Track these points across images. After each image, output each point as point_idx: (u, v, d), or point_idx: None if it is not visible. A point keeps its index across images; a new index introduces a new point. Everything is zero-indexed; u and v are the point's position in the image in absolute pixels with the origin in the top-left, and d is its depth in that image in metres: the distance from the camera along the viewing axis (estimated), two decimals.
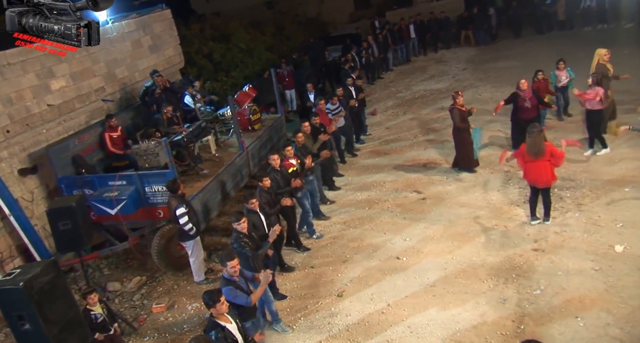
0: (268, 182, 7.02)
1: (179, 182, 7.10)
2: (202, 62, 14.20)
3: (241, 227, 5.87)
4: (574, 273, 6.22)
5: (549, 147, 6.93)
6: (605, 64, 9.18)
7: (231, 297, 4.98)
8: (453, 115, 8.97)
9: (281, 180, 7.44)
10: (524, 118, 9.30)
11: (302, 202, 8.03)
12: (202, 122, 9.53)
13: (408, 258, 7.20)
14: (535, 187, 7.23)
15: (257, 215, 6.46)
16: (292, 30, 19.74)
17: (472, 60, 17.69)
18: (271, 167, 7.50)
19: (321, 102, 10.05)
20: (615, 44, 10.49)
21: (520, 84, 9.28)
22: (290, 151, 7.82)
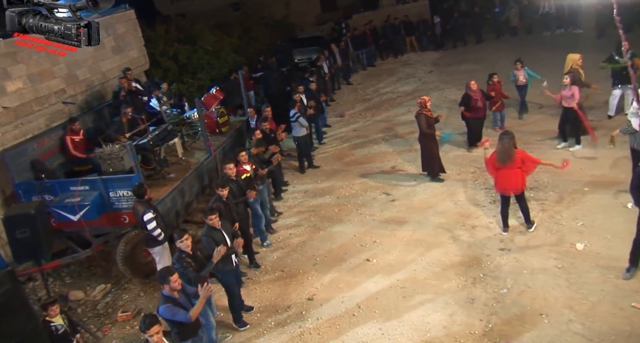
0: (226, 191, 6.75)
1: (145, 186, 6.93)
2: (168, 63, 13.94)
3: (184, 245, 5.49)
4: (538, 272, 6.38)
5: (519, 154, 6.88)
6: (578, 69, 9.40)
7: (170, 315, 4.81)
8: (420, 121, 8.90)
9: (236, 190, 7.20)
10: (476, 117, 9.88)
11: (254, 206, 7.78)
12: (168, 124, 9.34)
13: (378, 260, 7.24)
14: (505, 197, 7.18)
15: (219, 232, 6.04)
16: (259, 32, 19.61)
17: (437, 63, 18.00)
18: (227, 176, 7.22)
19: (267, 110, 9.79)
20: (575, 49, 10.92)
21: (470, 85, 9.77)
22: (244, 156, 7.64)
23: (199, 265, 5.59)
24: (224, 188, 6.72)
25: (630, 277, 5.94)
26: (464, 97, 9.92)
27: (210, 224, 6.01)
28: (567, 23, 18.12)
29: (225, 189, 6.72)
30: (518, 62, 10.75)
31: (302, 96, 10.75)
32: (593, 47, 12.89)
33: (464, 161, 9.77)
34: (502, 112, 10.62)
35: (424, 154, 9.23)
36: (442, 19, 19.60)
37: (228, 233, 6.13)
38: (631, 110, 7.48)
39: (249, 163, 7.72)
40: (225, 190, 6.73)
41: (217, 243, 5.86)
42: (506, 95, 10.56)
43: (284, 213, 9.11)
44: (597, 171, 8.42)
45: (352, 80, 17.57)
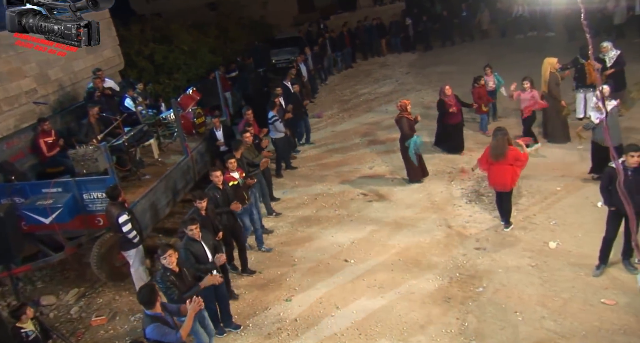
0: (205, 203, 6.25)
1: (119, 188, 6.82)
2: (143, 63, 13.75)
3: (168, 262, 5.03)
4: (513, 270, 6.50)
5: (512, 151, 6.97)
6: (556, 73, 9.55)
7: (159, 336, 4.46)
8: (402, 124, 8.84)
9: (220, 199, 6.76)
10: (452, 123, 9.75)
11: (241, 217, 7.42)
12: (143, 125, 9.21)
13: (356, 261, 7.26)
14: (499, 192, 7.32)
15: (199, 244, 5.68)
16: (236, 32, 19.51)
17: (414, 64, 18.19)
18: (212, 184, 6.88)
19: (248, 112, 9.42)
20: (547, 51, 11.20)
21: (445, 90, 9.62)
22: (233, 164, 7.22)
23: (185, 285, 5.16)
24: (202, 200, 6.25)
25: (600, 274, 6.10)
26: (440, 103, 9.80)
27: (190, 236, 5.63)
28: (539, 26, 18.53)
29: (203, 201, 6.25)
30: (487, 68, 10.77)
31: (280, 99, 10.57)
32: (565, 50, 13.18)
33: (441, 162, 9.89)
34: (487, 114, 10.62)
35: (406, 157, 9.14)
36: (413, 21, 19.86)
37: (209, 246, 5.78)
38: (591, 105, 7.84)
39: (238, 170, 7.36)
40: (204, 202, 6.26)
41: (196, 256, 5.54)
42: (490, 98, 10.64)
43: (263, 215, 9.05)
44: (569, 172, 8.61)
45: (329, 81, 17.60)
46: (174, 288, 5.03)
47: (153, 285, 4.69)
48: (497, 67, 11.08)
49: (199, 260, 5.63)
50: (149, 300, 4.49)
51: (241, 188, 7.28)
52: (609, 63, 9.92)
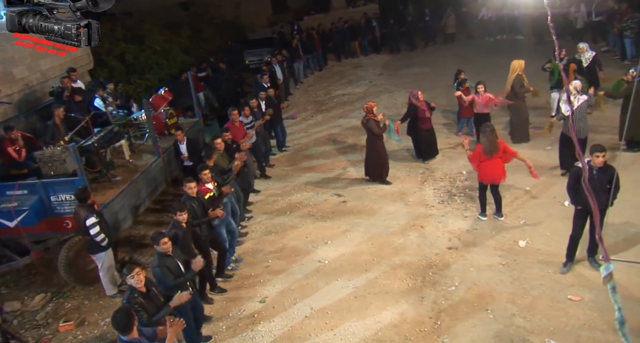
0: (185, 215, 5.95)
1: (89, 190, 6.66)
2: (113, 63, 13.48)
3: (135, 282, 4.71)
4: (484, 269, 6.61)
5: (501, 144, 7.25)
6: (522, 75, 9.75)
7: None
8: (370, 125, 8.85)
9: (198, 209, 6.44)
10: (425, 128, 9.72)
11: (218, 230, 7.13)
12: (114, 126, 9.03)
13: (330, 261, 7.27)
14: (484, 185, 7.50)
15: (172, 258, 5.38)
16: (209, 32, 19.33)
17: (387, 66, 18.35)
18: (187, 195, 6.52)
19: (234, 113, 9.15)
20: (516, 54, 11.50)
21: (417, 95, 9.53)
22: (207, 175, 6.93)
23: (154, 306, 4.85)
24: (183, 212, 5.91)
25: (567, 271, 6.27)
26: (412, 108, 9.60)
27: (161, 251, 5.28)
28: (508, 29, 18.96)
29: (183, 213, 5.92)
30: (461, 73, 10.76)
31: (261, 102, 10.43)
32: (534, 53, 13.54)
33: (413, 162, 9.99)
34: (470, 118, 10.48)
35: (371, 158, 9.20)
36: (378, 24, 20.07)
37: (180, 260, 5.51)
38: (563, 98, 8.25)
39: (212, 181, 7.07)
40: (184, 213, 5.93)
41: (172, 272, 5.29)
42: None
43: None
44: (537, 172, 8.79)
45: (303, 82, 17.57)
46: (142, 312, 4.67)
47: (128, 309, 4.36)
48: (467, 69, 11.24)
49: (175, 274, 5.35)
50: (125, 325, 4.14)
51: (218, 200, 7.03)
52: (585, 63, 10.28)
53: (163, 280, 5.23)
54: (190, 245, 6.09)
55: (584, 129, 8.06)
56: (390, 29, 20.00)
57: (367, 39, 19.98)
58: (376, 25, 20.01)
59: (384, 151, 9.16)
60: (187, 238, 6.00)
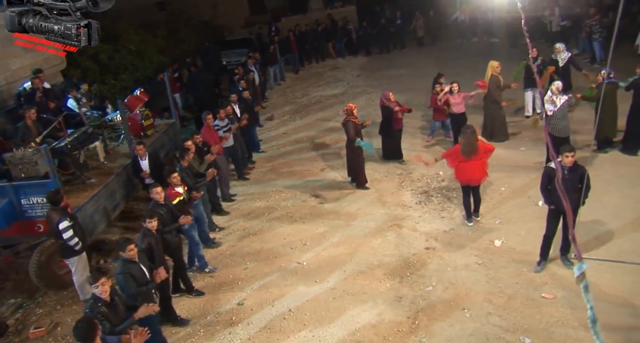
0: (155, 223, 5.81)
1: (62, 192, 6.52)
2: (87, 63, 13.22)
3: (100, 291, 4.56)
4: (461, 269, 6.70)
5: (481, 146, 7.22)
6: (497, 76, 9.91)
7: None
8: (347, 128, 8.78)
9: (167, 216, 6.26)
10: (398, 128, 9.79)
11: (190, 233, 7.02)
12: (88, 127, 8.86)
13: (308, 263, 7.27)
14: (467, 188, 7.47)
15: (137, 265, 5.26)
16: (186, 33, 19.13)
17: (364, 67, 18.44)
18: (154, 201, 6.34)
19: (208, 117, 8.97)
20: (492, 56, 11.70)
21: (389, 96, 9.64)
22: (176, 178, 6.78)
23: (117, 316, 4.67)
24: (152, 219, 5.80)
25: (541, 270, 6.40)
26: (386, 109, 9.63)
27: (127, 257, 5.15)
28: (482, 32, 19.27)
29: (153, 220, 5.80)
30: (442, 77, 10.78)
31: (234, 107, 10.26)
32: (508, 55, 13.79)
33: (391, 164, 10.05)
34: (445, 121, 10.58)
35: (351, 162, 9.18)
36: (353, 27, 20.19)
37: (146, 266, 5.37)
38: (546, 98, 8.36)
39: (182, 184, 6.93)
40: (154, 220, 5.81)
41: (136, 279, 5.14)
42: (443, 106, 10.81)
43: (213, 217, 8.91)
44: (512, 172, 8.97)
45: (281, 84, 17.48)
46: (105, 322, 4.49)
47: (91, 319, 4.19)
48: (444, 71, 11.37)
49: (139, 283, 5.21)
50: (86, 336, 3.99)
51: (187, 204, 6.91)
52: (561, 63, 10.51)
53: (125, 287, 5.08)
54: (162, 253, 5.97)
55: (566, 128, 8.24)
56: (364, 32, 20.16)
57: (342, 41, 20.04)
58: (352, 27, 20.12)
59: (360, 154, 9.07)
60: (158, 245, 5.89)
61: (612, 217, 7.18)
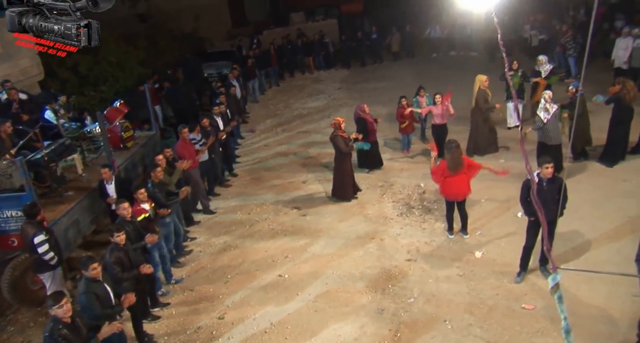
0: (123, 236, 5.66)
1: (38, 206, 6.37)
2: (66, 74, 13.07)
3: (61, 312, 4.33)
4: (442, 280, 6.72)
5: (465, 160, 7.24)
6: (485, 90, 10.03)
7: None
8: (337, 142, 8.74)
9: (132, 234, 6.09)
10: (373, 139, 9.88)
11: (152, 252, 6.83)
12: (66, 139, 8.72)
13: (290, 276, 7.22)
14: (450, 202, 7.44)
15: (101, 284, 5.03)
16: (167, 45, 19.08)
17: (346, 80, 18.59)
18: (120, 218, 6.19)
19: (184, 130, 8.84)
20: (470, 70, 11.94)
21: (364, 108, 9.78)
22: (143, 194, 6.66)
23: (79, 339, 4.45)
24: (120, 233, 5.63)
25: (521, 281, 6.45)
26: (360, 121, 9.72)
27: (90, 276, 4.93)
28: (460, 46, 19.63)
29: (121, 233, 5.64)
30: (422, 90, 10.97)
31: (217, 119, 10.20)
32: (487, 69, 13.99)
33: (372, 175, 10.10)
34: (410, 135, 10.82)
35: (337, 177, 9.08)
36: (330, 40, 20.40)
37: (111, 286, 5.19)
38: (540, 106, 8.55)
39: (148, 201, 6.82)
40: (122, 234, 5.65)
41: (100, 299, 4.91)
42: (416, 119, 10.85)
43: (193, 230, 8.82)
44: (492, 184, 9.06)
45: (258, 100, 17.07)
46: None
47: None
48: (424, 84, 11.49)
49: (103, 304, 4.96)
50: None
51: (153, 221, 6.79)
52: (544, 75, 10.77)
53: (89, 308, 4.87)
54: (130, 268, 5.76)
55: (558, 136, 8.41)
56: (342, 45, 20.36)
57: (320, 55, 20.17)
58: (328, 41, 20.32)
59: (350, 169, 9.05)
60: (128, 260, 5.72)
61: (589, 228, 7.30)
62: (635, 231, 6.85)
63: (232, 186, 10.51)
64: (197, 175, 9.09)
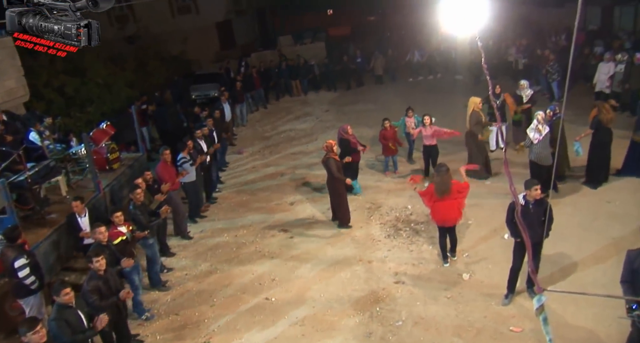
0: (103, 261, 5.48)
1: (19, 229, 6.25)
2: (52, 96, 13.02)
3: (36, 339, 4.26)
4: (430, 303, 6.68)
5: (455, 185, 7.12)
6: (479, 112, 10.13)
7: None
8: (329, 166, 8.60)
9: (109, 258, 5.89)
10: (356, 160, 9.94)
11: (131, 276, 6.66)
12: (50, 161, 8.63)
13: (277, 299, 7.13)
14: (442, 228, 7.37)
15: (73, 310, 4.92)
16: (155, 66, 19.16)
17: (333, 102, 18.75)
18: (96, 242, 6.08)
19: (165, 152, 8.79)
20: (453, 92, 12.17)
21: (347, 129, 9.84)
22: (119, 217, 6.59)
23: None
24: (99, 257, 5.45)
25: (509, 303, 6.44)
26: (343, 142, 9.71)
27: (62, 302, 4.79)
28: (442, 70, 19.96)
29: (100, 258, 5.46)
30: (410, 110, 11.09)
31: (200, 142, 10.12)
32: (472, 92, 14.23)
33: (359, 198, 10.10)
34: (394, 157, 10.92)
35: (334, 201, 8.97)
36: (316, 64, 20.71)
37: (83, 312, 5.05)
38: (532, 126, 8.70)
39: (125, 224, 6.72)
40: (101, 259, 5.47)
41: (72, 326, 4.77)
42: (400, 141, 10.92)
43: (179, 253, 8.71)
44: (478, 206, 9.13)
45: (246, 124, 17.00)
46: None
47: None
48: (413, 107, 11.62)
49: (74, 330, 4.82)
50: None
51: (130, 244, 6.68)
52: (525, 99, 10.99)
53: (59, 335, 4.70)
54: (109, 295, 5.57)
55: (548, 157, 8.49)
56: (326, 69, 20.66)
57: (305, 78, 20.36)
58: (314, 64, 20.56)
59: (344, 192, 8.97)
60: (108, 287, 5.55)
61: (574, 249, 7.35)
62: (620, 252, 6.90)
63: (218, 207, 10.43)
64: (177, 197, 8.99)
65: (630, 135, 9.25)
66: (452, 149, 11.09)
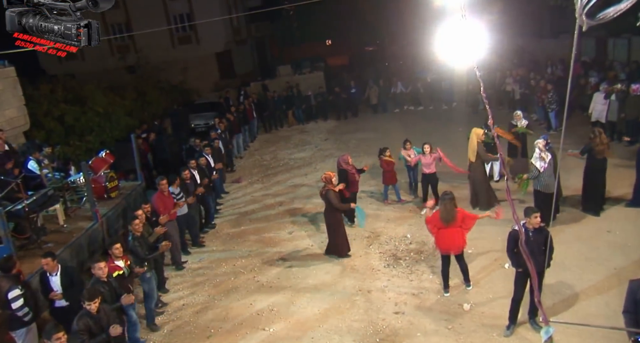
0: (94, 305, 5.26)
1: (14, 259, 6.17)
2: (52, 125, 13.10)
3: None
4: (431, 333, 6.56)
5: (460, 213, 7.08)
6: (481, 143, 10.00)
7: None
8: (329, 197, 8.52)
9: (108, 294, 5.79)
10: (354, 190, 9.96)
11: (129, 312, 6.44)
12: (48, 189, 8.61)
13: (275, 329, 7.00)
14: (446, 256, 7.29)
15: None
16: (154, 95, 19.36)
17: (332, 131, 18.88)
18: (95, 278, 5.89)
19: (162, 182, 8.67)
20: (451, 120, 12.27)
21: (347, 160, 9.87)
22: (118, 249, 6.43)
23: None
24: (92, 302, 5.22)
25: (510, 334, 6.33)
26: (342, 172, 9.70)
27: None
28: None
29: (93, 302, 5.23)
30: (407, 142, 10.92)
31: (194, 172, 10.05)
32: (470, 121, 14.39)
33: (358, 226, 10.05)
34: (395, 185, 10.86)
35: (333, 233, 8.83)
36: (312, 93, 20.98)
37: None
38: (535, 155, 8.66)
39: (123, 257, 6.59)
40: (94, 303, 5.24)
41: None
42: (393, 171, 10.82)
43: (176, 283, 8.60)
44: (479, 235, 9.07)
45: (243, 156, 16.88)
46: None
47: None
48: (408, 135, 11.70)
49: None
50: None
51: (127, 279, 6.52)
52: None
53: None
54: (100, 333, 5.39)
55: (552, 184, 8.37)
56: (321, 98, 20.92)
57: (300, 108, 20.52)
58: (310, 94, 20.79)
59: (342, 224, 8.89)
60: (99, 328, 5.35)
61: (576, 279, 7.28)
62: (622, 283, 6.83)
63: (217, 235, 10.36)
64: (174, 228, 8.89)
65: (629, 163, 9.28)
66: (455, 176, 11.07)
